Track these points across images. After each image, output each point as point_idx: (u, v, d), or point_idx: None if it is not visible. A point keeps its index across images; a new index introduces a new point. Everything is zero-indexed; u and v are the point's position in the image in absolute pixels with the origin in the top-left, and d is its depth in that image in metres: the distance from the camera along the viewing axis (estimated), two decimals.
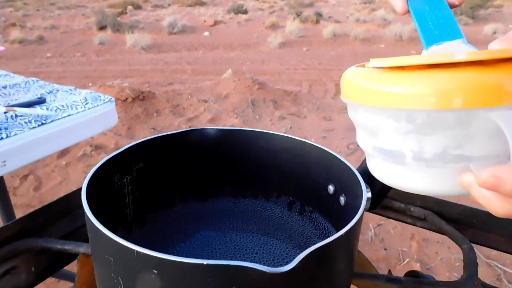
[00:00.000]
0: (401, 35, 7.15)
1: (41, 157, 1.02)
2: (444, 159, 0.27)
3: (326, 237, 0.34)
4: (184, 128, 3.07)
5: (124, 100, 3.22)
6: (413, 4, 0.34)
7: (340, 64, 5.30)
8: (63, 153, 2.72)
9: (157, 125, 3.07)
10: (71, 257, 0.50)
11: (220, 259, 0.40)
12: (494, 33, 7.51)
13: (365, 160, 0.47)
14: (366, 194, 0.39)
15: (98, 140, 2.82)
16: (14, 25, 8.98)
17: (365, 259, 0.52)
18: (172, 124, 3.09)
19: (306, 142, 0.48)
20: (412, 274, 0.56)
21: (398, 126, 0.27)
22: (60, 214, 0.51)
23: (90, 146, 2.77)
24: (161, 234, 0.48)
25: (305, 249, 0.28)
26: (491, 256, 1.71)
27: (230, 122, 3.14)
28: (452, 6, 0.34)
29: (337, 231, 0.31)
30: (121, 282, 0.30)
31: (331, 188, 0.46)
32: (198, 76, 4.80)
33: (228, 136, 0.50)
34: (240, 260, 0.40)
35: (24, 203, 2.24)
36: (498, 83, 0.24)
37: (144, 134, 2.91)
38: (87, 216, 0.32)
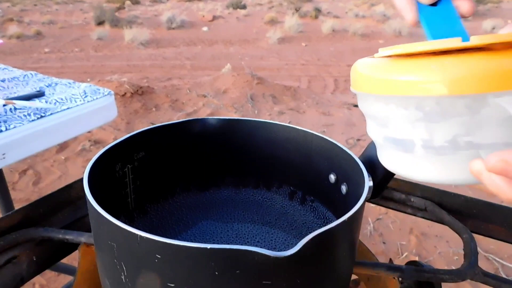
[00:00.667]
0: (400, 31, 7.15)
1: (41, 150, 1.01)
2: (454, 147, 0.27)
3: None
4: None
5: (123, 95, 3.21)
6: (424, 14, 0.33)
7: (339, 60, 5.30)
8: (62, 147, 2.72)
9: (156, 120, 3.06)
10: (72, 246, 0.50)
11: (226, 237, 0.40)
12: (493, 28, 7.50)
13: (366, 148, 0.47)
14: (368, 182, 0.39)
15: (97, 135, 2.81)
16: (11, 20, 8.93)
17: (366, 249, 0.52)
18: (171, 119, 3.09)
19: (307, 132, 0.48)
20: (412, 263, 0.57)
21: (408, 114, 0.27)
22: (61, 205, 0.51)
23: (89, 141, 2.76)
24: (162, 223, 0.48)
25: None
26: (489, 249, 1.72)
27: (229, 117, 3.14)
28: (461, 17, 0.34)
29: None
30: (124, 268, 0.30)
31: (332, 177, 0.46)
32: (197, 72, 4.79)
33: (229, 126, 0.50)
34: (247, 240, 0.40)
35: (23, 198, 2.24)
36: (506, 67, 0.24)
37: None
38: (90, 202, 0.32)
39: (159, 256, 0.27)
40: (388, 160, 0.32)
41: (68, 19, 9.45)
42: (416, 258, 1.75)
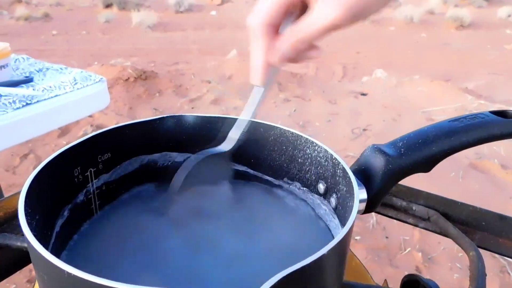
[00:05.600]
0: (412, 17, 6.96)
1: (27, 138, 0.97)
2: None
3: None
4: (186, 109, 3.02)
5: (126, 80, 3.16)
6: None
7: (348, 47, 5.17)
8: (63, 132, 2.69)
9: (159, 106, 3.01)
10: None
11: (180, 274, 0.35)
12: (509, 16, 7.28)
13: (361, 156, 0.41)
14: (358, 196, 0.33)
15: (99, 120, 2.78)
16: (19, 1, 8.86)
17: (359, 263, 0.47)
18: (174, 105, 3.04)
19: (294, 133, 0.42)
20: (412, 278, 0.51)
21: None
22: None
23: (91, 126, 2.73)
24: (130, 230, 0.43)
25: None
26: None
27: (233, 104, 3.07)
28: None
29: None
30: None
31: (321, 187, 0.41)
32: (204, 56, 4.71)
33: (208, 124, 0.45)
34: (212, 270, 0.35)
35: (23, 182, 2.21)
36: None
37: (145, 114, 2.86)
38: (21, 226, 0.27)
39: None
40: None
41: (76, 1, 9.36)
42: (420, 254, 1.70)
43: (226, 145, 0.40)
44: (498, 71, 4.20)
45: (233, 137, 0.40)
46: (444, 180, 2.14)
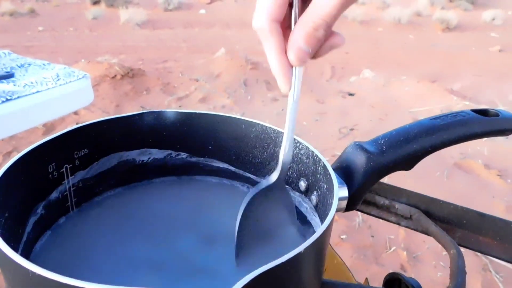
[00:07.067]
0: (400, 19, 7.02)
1: (8, 135, 0.95)
2: None
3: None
4: (174, 107, 2.99)
5: (113, 77, 3.13)
6: None
7: None
8: (48, 130, 2.64)
9: (146, 104, 2.99)
10: None
11: (154, 269, 0.34)
12: (493, 19, 7.38)
13: (343, 153, 0.41)
14: (338, 193, 0.33)
15: (84, 117, 2.74)
16: None
17: (340, 261, 0.47)
18: (161, 104, 3.01)
19: (276, 130, 0.41)
20: (394, 276, 0.51)
21: None
22: None
23: (77, 123, 2.67)
24: (109, 226, 0.42)
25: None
26: None
27: (221, 102, 3.06)
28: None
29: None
30: None
31: (302, 185, 0.40)
32: (193, 55, 4.68)
33: (189, 120, 0.44)
34: (181, 274, 0.34)
35: None
36: None
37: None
38: None
39: None
40: None
41: None
42: (404, 253, 1.71)
43: (276, 174, 0.35)
44: (483, 73, 4.26)
45: (282, 161, 0.34)
46: (430, 180, 2.16)
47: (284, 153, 0.33)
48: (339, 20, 0.29)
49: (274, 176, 0.35)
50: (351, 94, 3.37)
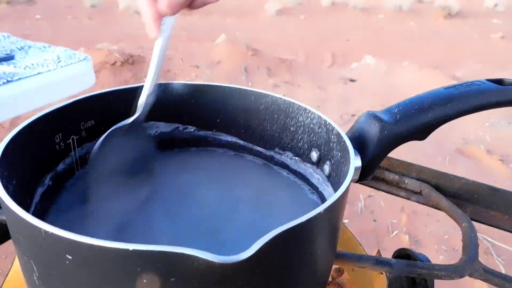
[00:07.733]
0: (401, 6, 6.96)
1: (9, 117, 0.94)
2: None
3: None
4: None
5: (113, 64, 3.10)
6: None
7: (338, 34, 5.15)
8: None
9: None
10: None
11: (170, 232, 0.33)
12: (495, 5, 7.32)
13: (356, 122, 0.40)
14: (354, 162, 0.32)
15: None
16: None
17: (351, 236, 0.46)
18: None
19: (282, 99, 0.40)
20: (403, 252, 0.51)
21: None
22: None
23: None
24: (118, 195, 0.41)
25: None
26: (480, 229, 1.66)
27: None
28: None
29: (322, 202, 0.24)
30: (34, 268, 0.23)
31: (314, 155, 0.40)
32: (193, 42, 4.64)
33: (197, 92, 0.43)
34: (194, 236, 0.33)
35: None
36: None
37: None
38: None
39: (70, 257, 0.21)
40: None
41: None
42: (406, 237, 1.71)
43: (136, 114, 0.37)
44: (484, 60, 4.23)
45: (141, 103, 0.37)
46: (431, 166, 2.14)
47: (146, 95, 0.36)
48: (339, 8, 0.28)
49: (134, 116, 0.37)
50: (352, 80, 3.35)
